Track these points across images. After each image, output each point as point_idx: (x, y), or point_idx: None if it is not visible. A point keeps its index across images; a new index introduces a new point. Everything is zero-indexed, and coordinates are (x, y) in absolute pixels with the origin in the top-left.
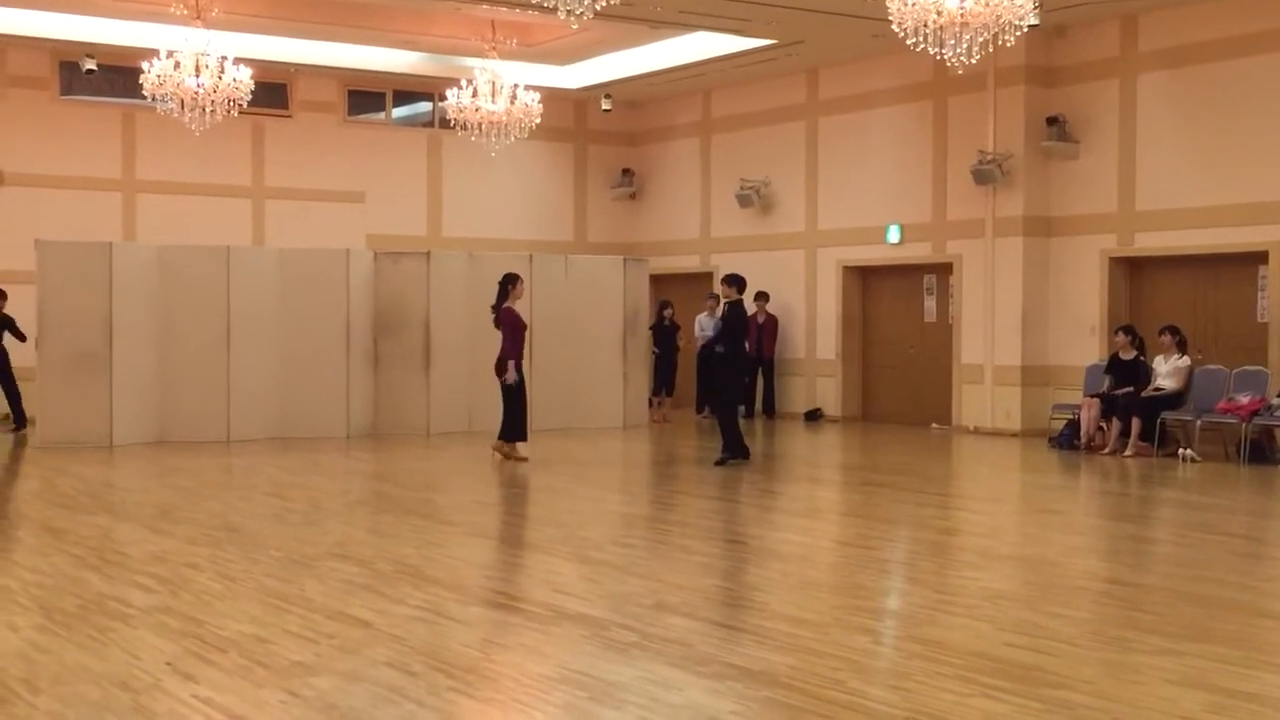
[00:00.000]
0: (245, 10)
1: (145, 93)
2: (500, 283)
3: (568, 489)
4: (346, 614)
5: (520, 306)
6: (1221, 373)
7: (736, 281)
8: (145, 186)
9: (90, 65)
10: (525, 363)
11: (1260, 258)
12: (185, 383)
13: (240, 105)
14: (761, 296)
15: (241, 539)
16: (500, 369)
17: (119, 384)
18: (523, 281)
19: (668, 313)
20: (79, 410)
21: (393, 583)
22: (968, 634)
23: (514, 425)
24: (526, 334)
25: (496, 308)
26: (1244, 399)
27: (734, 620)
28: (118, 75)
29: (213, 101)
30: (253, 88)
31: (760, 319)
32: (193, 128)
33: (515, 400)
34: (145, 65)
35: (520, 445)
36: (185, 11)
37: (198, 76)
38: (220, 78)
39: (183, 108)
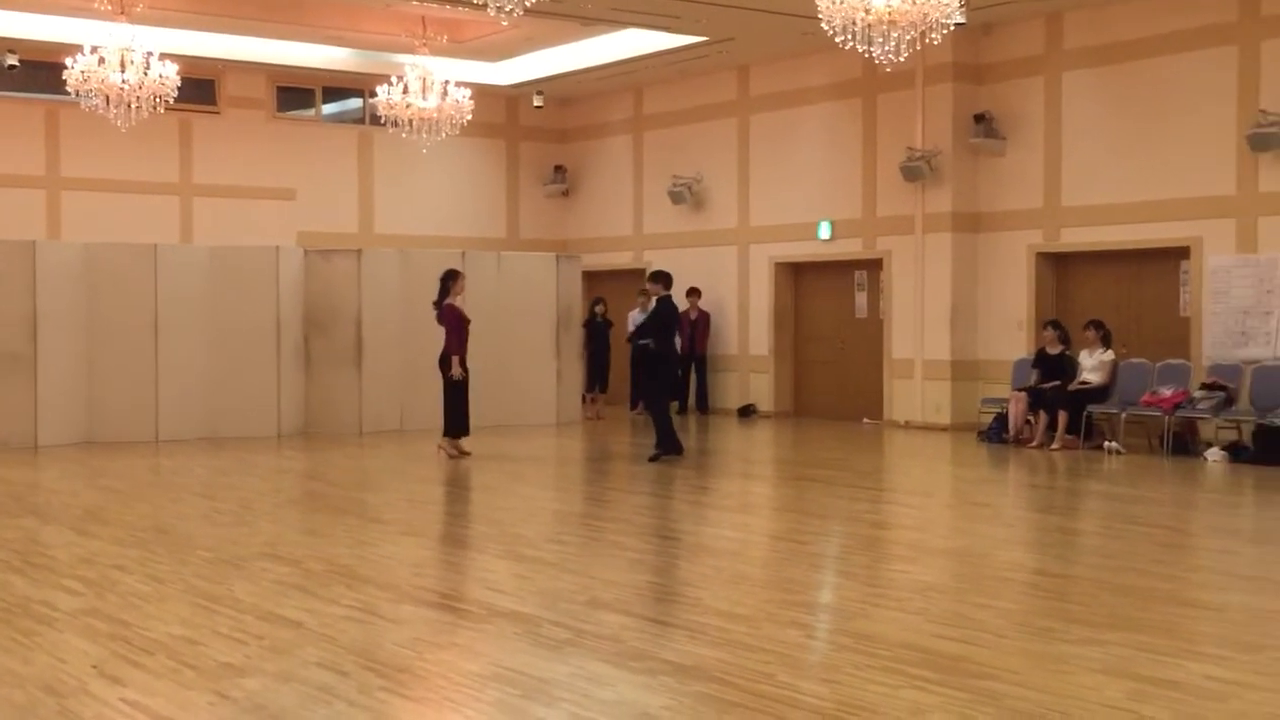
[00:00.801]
0: (171, 5)
1: (69, 89)
2: (441, 279)
3: (501, 486)
4: (277, 614)
5: (455, 303)
6: (1145, 366)
7: (663, 278)
8: (70, 184)
9: (12, 61)
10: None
11: (1183, 253)
12: (113, 382)
13: (167, 101)
14: (694, 292)
15: (170, 540)
16: (444, 365)
17: (44, 384)
18: (463, 277)
19: (599, 309)
20: (3, 411)
21: (324, 582)
22: (898, 626)
23: (457, 420)
24: (469, 329)
25: (439, 304)
26: (1167, 392)
27: (666, 616)
28: (41, 71)
29: (139, 98)
30: (179, 84)
31: (693, 315)
32: (118, 124)
33: (458, 396)
34: (69, 61)
35: (464, 440)
36: (110, 6)
37: (123, 72)
38: (146, 74)
39: (108, 104)
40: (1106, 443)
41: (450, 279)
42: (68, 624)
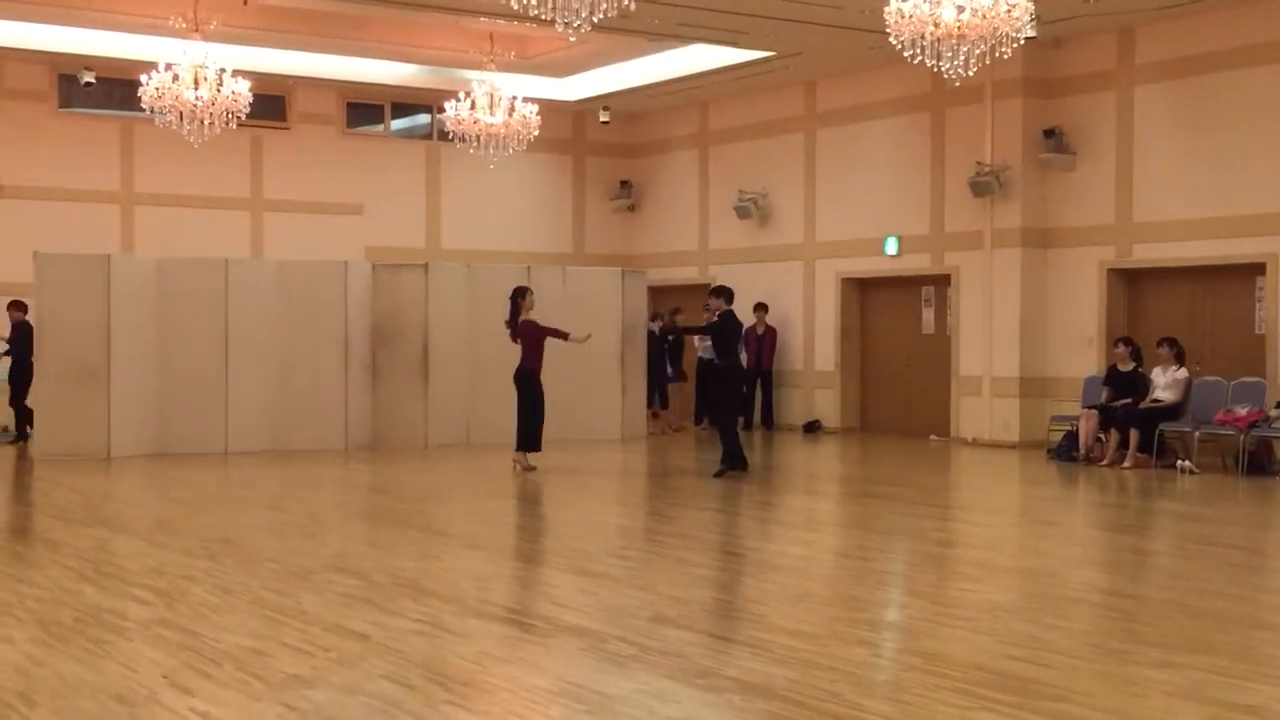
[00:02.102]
0: (243, 23)
1: (144, 105)
2: (510, 297)
3: (566, 501)
4: (344, 627)
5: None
6: (1219, 384)
7: (724, 293)
8: (144, 199)
9: (89, 78)
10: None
11: (1257, 269)
12: (183, 395)
13: (239, 117)
14: (760, 308)
15: (239, 551)
16: (521, 380)
17: (117, 396)
18: (532, 293)
19: (658, 325)
20: (77, 422)
21: (390, 595)
22: (967, 646)
23: (532, 435)
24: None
25: (512, 323)
26: (1242, 410)
27: (732, 633)
28: (116, 88)
29: (211, 114)
30: (251, 100)
31: (759, 330)
32: (191, 140)
33: (535, 411)
34: (144, 78)
35: (531, 455)
36: (184, 24)
37: (196, 89)
38: (219, 90)
39: (181, 120)
40: (1180, 461)
41: (519, 296)
42: (138, 634)
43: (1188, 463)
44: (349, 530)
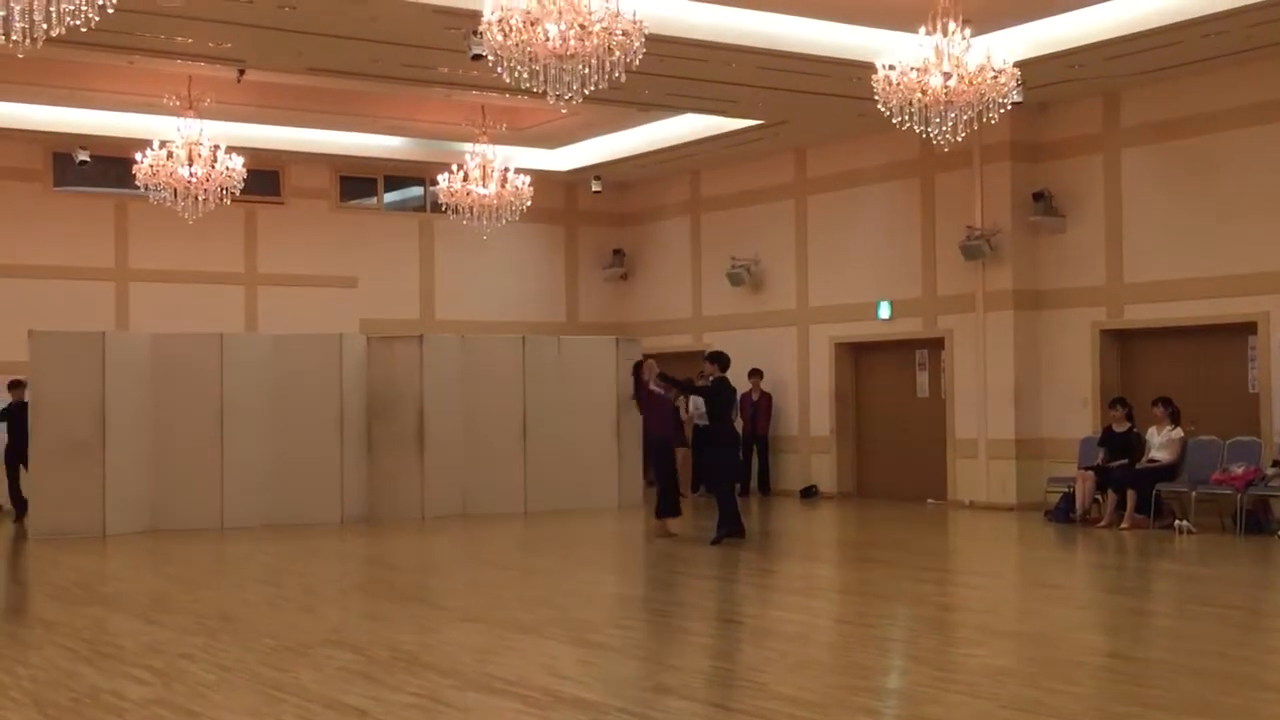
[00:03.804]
0: (237, 99)
1: (138, 183)
2: (632, 372)
3: (563, 570)
4: (343, 702)
5: (511, 387)
6: (1215, 444)
7: (719, 359)
8: (138, 275)
9: (83, 156)
10: (520, 439)
11: (1249, 328)
12: (178, 470)
13: (233, 193)
14: (755, 374)
15: (236, 628)
16: (652, 448)
17: (111, 472)
18: (648, 362)
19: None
20: (72, 500)
21: (389, 670)
22: (969, 712)
23: (670, 501)
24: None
25: (638, 395)
26: (1238, 469)
27: (733, 702)
28: (111, 165)
29: (205, 190)
30: (245, 175)
31: (755, 396)
32: (185, 216)
33: (667, 476)
34: (138, 155)
35: (671, 521)
36: (178, 102)
37: (190, 165)
38: (213, 166)
39: (176, 196)
40: (1177, 521)
41: (637, 370)
42: (136, 714)
43: (1185, 523)
44: (346, 604)
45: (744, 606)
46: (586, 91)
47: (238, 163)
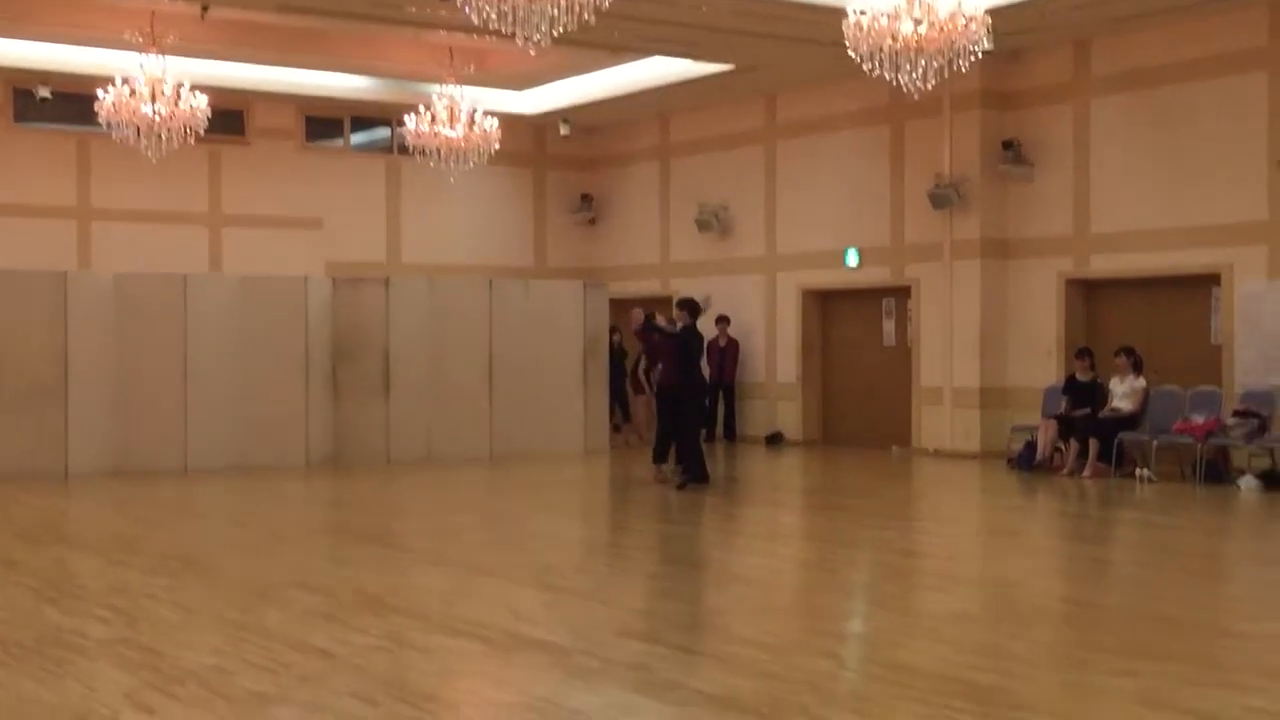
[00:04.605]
0: (201, 37)
1: (101, 120)
2: (644, 330)
3: (528, 514)
4: (307, 644)
5: (478, 332)
6: (1177, 394)
7: (689, 305)
8: (101, 214)
9: (45, 93)
10: (486, 383)
11: (1213, 279)
12: (142, 412)
13: (197, 132)
14: (722, 320)
15: (200, 569)
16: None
17: (74, 413)
18: (634, 309)
19: (616, 338)
20: (34, 441)
21: (354, 612)
22: (930, 657)
23: (657, 447)
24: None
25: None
26: (1199, 419)
27: (697, 645)
28: (73, 102)
29: (169, 129)
30: (209, 114)
31: (721, 342)
32: (149, 155)
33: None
34: (101, 92)
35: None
36: (141, 38)
37: (154, 103)
38: (176, 105)
39: (139, 135)
40: (1138, 470)
41: (647, 323)
42: (99, 653)
43: (1146, 471)
44: (311, 546)
45: (708, 551)
46: (555, 33)
47: (202, 101)
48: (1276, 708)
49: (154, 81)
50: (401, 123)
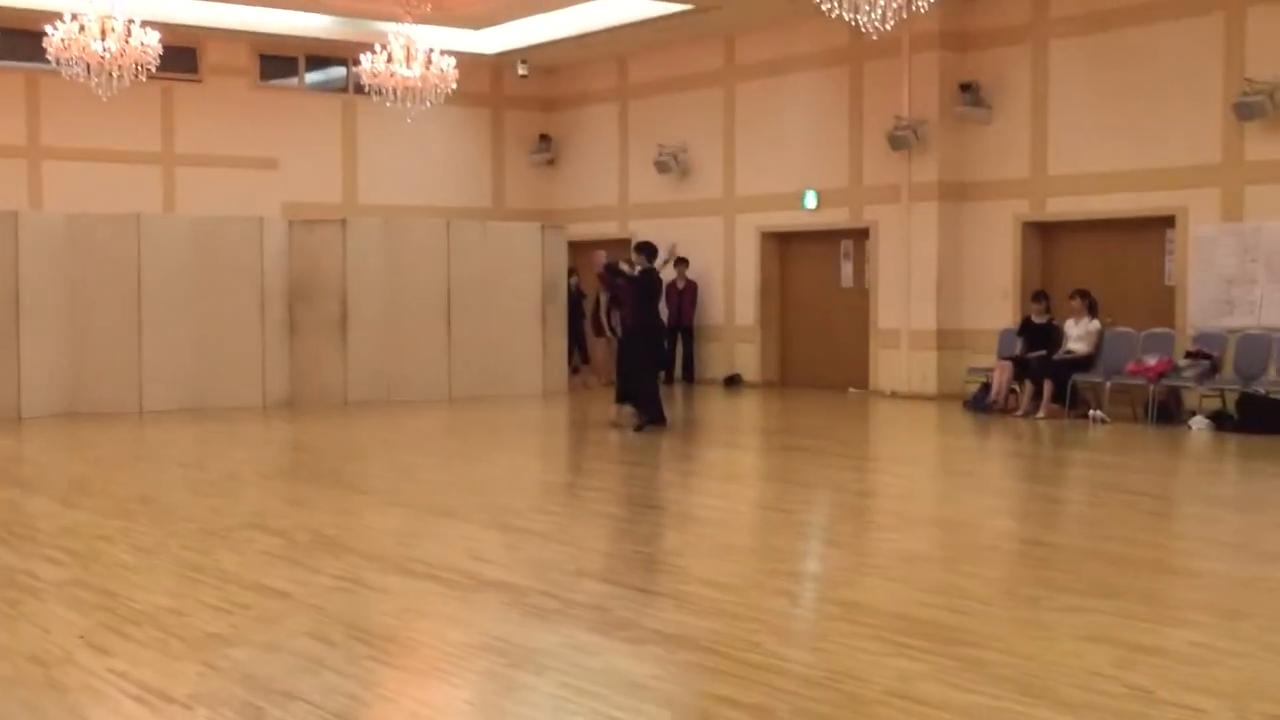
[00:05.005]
0: None
1: (49, 57)
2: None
3: (486, 456)
4: (264, 585)
5: (436, 273)
6: (1130, 335)
7: (647, 249)
8: (51, 153)
9: None
10: (445, 325)
11: (1168, 222)
12: (96, 353)
13: (149, 70)
14: (681, 262)
15: (155, 511)
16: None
17: (27, 355)
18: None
19: (574, 280)
20: None
21: (310, 553)
22: (884, 595)
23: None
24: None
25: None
26: (1152, 361)
27: (653, 585)
28: (20, 39)
29: (120, 66)
30: (161, 52)
31: (680, 285)
32: (100, 93)
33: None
34: (49, 28)
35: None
36: None
37: (104, 40)
38: (127, 41)
39: (89, 72)
40: (1091, 411)
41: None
42: (53, 595)
43: (1099, 412)
44: (267, 488)
45: (665, 492)
46: None
47: (153, 38)
48: (1218, 643)
49: (104, 18)
50: (357, 62)
